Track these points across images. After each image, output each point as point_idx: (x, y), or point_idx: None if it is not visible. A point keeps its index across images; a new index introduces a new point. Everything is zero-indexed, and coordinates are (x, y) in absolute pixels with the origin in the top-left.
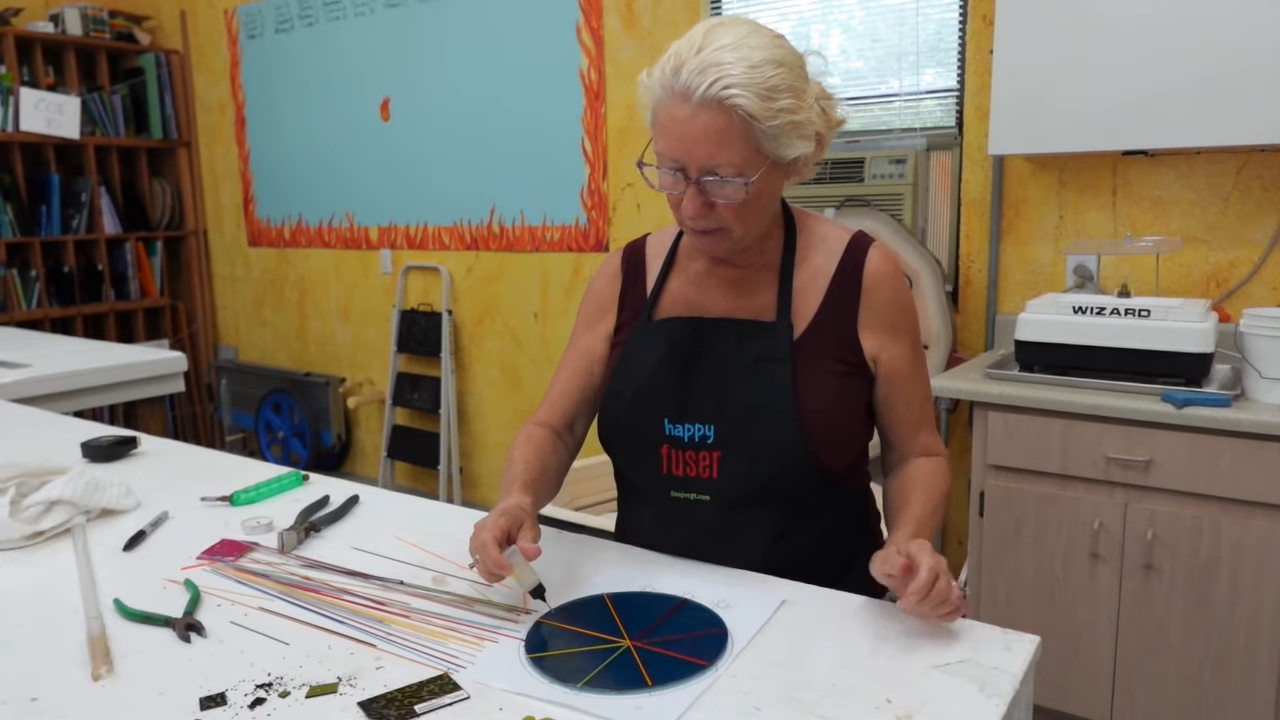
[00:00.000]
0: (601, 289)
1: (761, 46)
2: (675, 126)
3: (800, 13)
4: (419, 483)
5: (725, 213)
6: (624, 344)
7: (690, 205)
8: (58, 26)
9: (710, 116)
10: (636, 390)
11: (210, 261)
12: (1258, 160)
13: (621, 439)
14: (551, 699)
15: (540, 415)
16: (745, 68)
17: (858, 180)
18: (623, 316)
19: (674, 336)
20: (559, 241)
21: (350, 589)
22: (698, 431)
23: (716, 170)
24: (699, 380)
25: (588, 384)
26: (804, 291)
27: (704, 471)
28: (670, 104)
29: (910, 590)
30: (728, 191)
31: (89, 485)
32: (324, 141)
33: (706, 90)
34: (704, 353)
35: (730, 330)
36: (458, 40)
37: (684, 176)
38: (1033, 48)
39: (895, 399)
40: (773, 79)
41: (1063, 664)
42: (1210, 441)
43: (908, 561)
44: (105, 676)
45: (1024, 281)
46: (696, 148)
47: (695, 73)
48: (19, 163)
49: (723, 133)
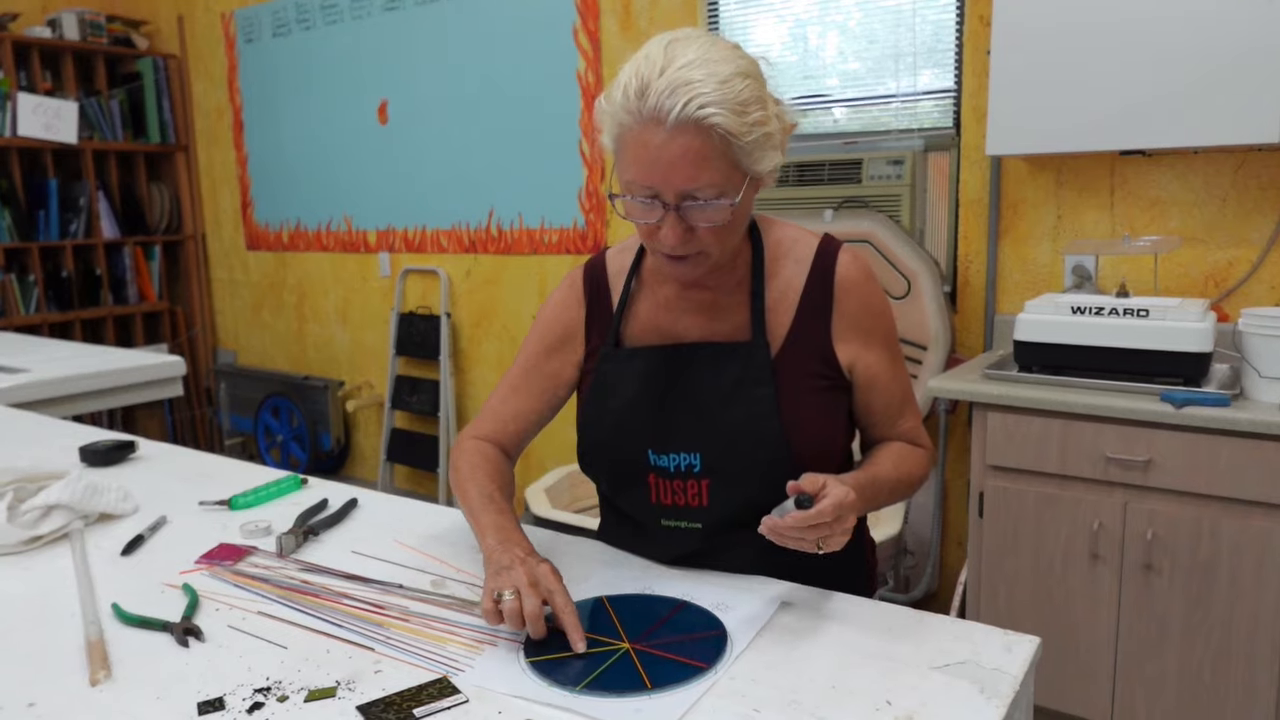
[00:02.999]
0: (564, 309)
1: (725, 59)
2: (648, 153)
3: (796, 14)
4: (418, 486)
5: (706, 236)
6: (595, 373)
7: (672, 234)
8: (55, 31)
9: (688, 139)
10: (616, 422)
11: (209, 265)
12: (1255, 159)
13: (605, 469)
14: (551, 702)
15: (487, 429)
16: (716, 84)
17: (855, 181)
18: (591, 344)
19: (649, 366)
20: (557, 244)
21: (349, 593)
22: (683, 461)
23: (696, 194)
24: (679, 409)
25: (549, 411)
26: (776, 307)
27: (693, 500)
28: (640, 130)
29: (817, 510)
30: (709, 214)
31: (87, 490)
32: (322, 145)
33: (682, 111)
34: (681, 380)
35: (706, 355)
36: (455, 43)
37: (659, 204)
38: (1030, 48)
39: (874, 404)
40: (743, 92)
41: (1062, 664)
42: (1209, 441)
43: (815, 486)
44: (103, 681)
45: (1022, 282)
46: (674, 173)
47: (665, 94)
48: (17, 168)
49: (702, 154)
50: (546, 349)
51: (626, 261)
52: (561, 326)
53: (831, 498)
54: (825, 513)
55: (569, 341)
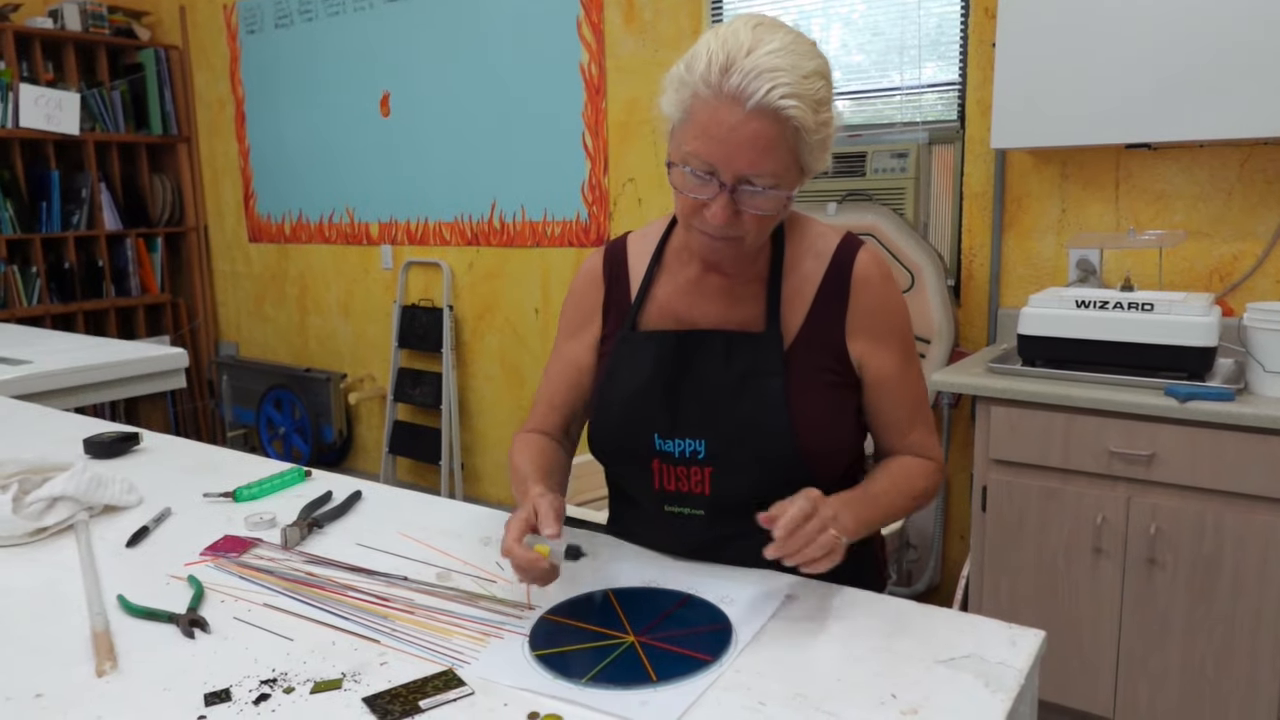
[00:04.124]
0: (584, 294)
1: (808, 55)
2: (719, 130)
3: (801, 6)
4: (420, 478)
5: (749, 222)
6: (609, 355)
7: (721, 212)
8: (57, 22)
9: (763, 125)
10: (625, 405)
11: (211, 257)
12: (1261, 153)
13: (612, 452)
14: (556, 694)
15: (533, 424)
16: (799, 77)
17: (859, 174)
18: (608, 326)
19: (661, 351)
20: (560, 237)
21: (354, 585)
22: (688, 447)
23: (754, 179)
24: (688, 395)
25: (578, 395)
26: (792, 300)
27: (696, 487)
28: (717, 105)
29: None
30: (759, 202)
31: (92, 481)
32: (324, 137)
33: (764, 97)
34: (692, 367)
35: (719, 343)
36: (458, 35)
37: (716, 181)
38: (1035, 41)
39: (882, 404)
40: (820, 90)
41: (1065, 658)
42: (1213, 435)
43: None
44: (110, 672)
45: (1026, 276)
46: (740, 155)
47: (750, 76)
48: (19, 159)
49: (772, 142)
50: (569, 334)
51: (649, 246)
52: (582, 311)
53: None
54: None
55: (587, 324)
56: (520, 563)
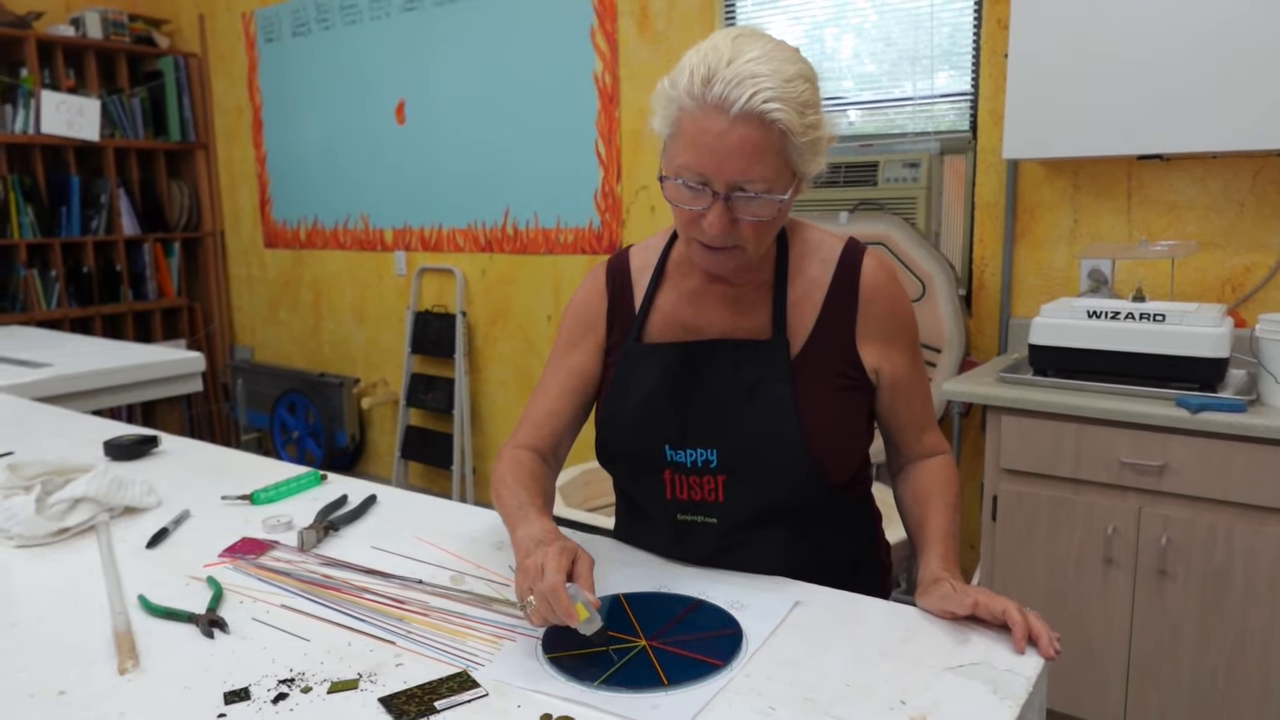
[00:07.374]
0: (587, 306)
1: (789, 60)
2: (707, 139)
3: (813, 16)
4: (432, 483)
5: (747, 230)
6: (616, 367)
7: (717, 222)
8: (78, 30)
9: (748, 130)
10: (634, 417)
11: (227, 262)
12: (1274, 164)
13: (623, 462)
14: (569, 697)
15: (523, 438)
16: (780, 81)
17: (871, 184)
18: (613, 339)
19: (668, 361)
20: (572, 244)
21: (370, 587)
22: (700, 456)
23: (746, 186)
24: (698, 404)
25: (578, 405)
26: (799, 306)
27: (709, 495)
28: (702, 116)
29: (1020, 639)
30: (754, 208)
31: (112, 483)
32: (340, 144)
33: (746, 103)
34: (701, 376)
35: (726, 351)
36: (472, 44)
37: (709, 191)
38: (1047, 51)
39: (898, 405)
40: (804, 94)
41: (1075, 668)
42: (1225, 447)
43: (974, 605)
44: (131, 671)
45: (1038, 285)
46: (730, 162)
47: (732, 84)
48: (40, 164)
49: (759, 147)
50: (570, 345)
51: (651, 259)
52: (583, 322)
53: (1015, 622)
54: (1024, 626)
55: (590, 336)
56: (560, 610)
